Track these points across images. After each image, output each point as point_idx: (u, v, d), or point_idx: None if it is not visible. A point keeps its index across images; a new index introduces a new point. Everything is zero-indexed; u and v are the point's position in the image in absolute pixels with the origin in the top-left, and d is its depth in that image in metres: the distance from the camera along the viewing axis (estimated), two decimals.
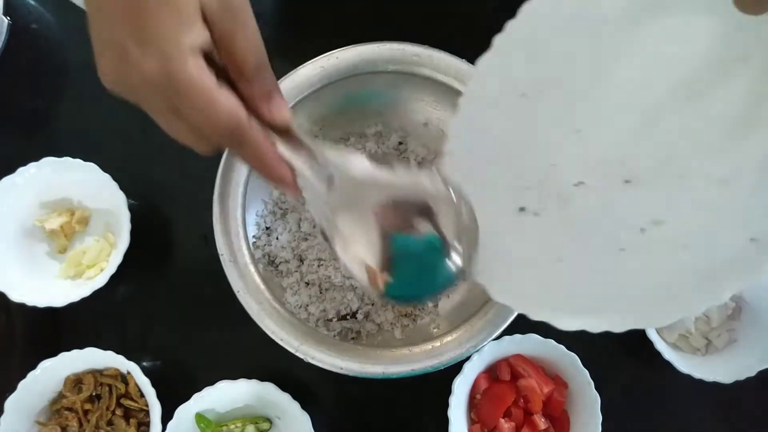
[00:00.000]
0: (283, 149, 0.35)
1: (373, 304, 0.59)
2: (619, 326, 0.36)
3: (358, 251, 0.36)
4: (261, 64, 0.33)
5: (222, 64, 0.33)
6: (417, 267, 0.37)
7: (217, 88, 0.31)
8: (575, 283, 0.40)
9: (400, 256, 0.36)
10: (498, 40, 0.41)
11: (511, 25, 0.41)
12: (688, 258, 0.37)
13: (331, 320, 0.59)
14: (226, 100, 0.31)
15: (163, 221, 0.68)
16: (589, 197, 0.42)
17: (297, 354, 0.51)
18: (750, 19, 0.33)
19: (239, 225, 0.54)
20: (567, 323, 0.37)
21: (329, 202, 0.36)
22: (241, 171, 0.55)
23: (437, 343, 0.51)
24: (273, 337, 0.51)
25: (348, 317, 0.59)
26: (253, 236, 0.60)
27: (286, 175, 0.35)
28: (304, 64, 0.56)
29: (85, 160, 0.64)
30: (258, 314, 0.51)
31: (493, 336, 0.51)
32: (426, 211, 0.36)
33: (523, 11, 0.40)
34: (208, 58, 0.32)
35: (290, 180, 0.35)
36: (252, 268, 0.53)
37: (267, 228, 0.61)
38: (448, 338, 0.51)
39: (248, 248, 0.54)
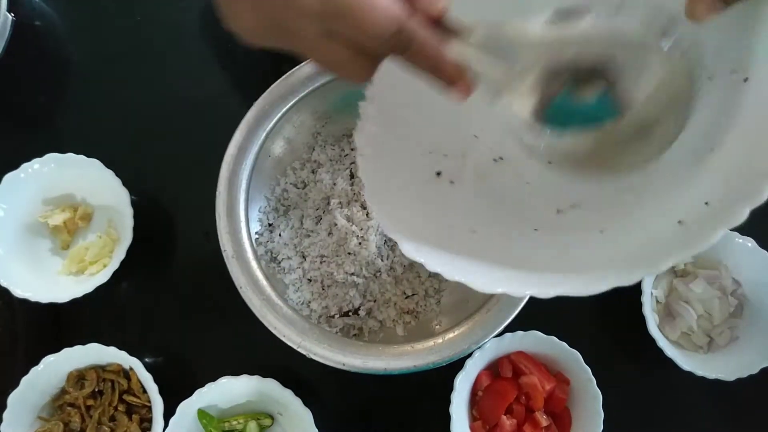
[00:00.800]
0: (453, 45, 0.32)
1: (375, 301, 0.60)
2: (542, 292, 0.34)
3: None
4: None
5: None
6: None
7: None
8: (487, 256, 0.38)
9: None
10: None
11: None
12: (604, 242, 0.36)
13: (333, 317, 0.59)
14: (385, 1, 0.30)
15: (166, 218, 0.68)
16: (506, 174, 0.41)
17: (299, 350, 0.51)
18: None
19: (242, 221, 0.54)
20: (485, 284, 0.35)
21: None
22: (245, 167, 0.55)
23: (439, 340, 0.51)
24: (275, 333, 0.51)
25: (350, 314, 0.59)
26: (256, 233, 0.60)
27: (460, 73, 0.33)
28: (305, 62, 0.56)
29: (88, 156, 0.64)
30: (260, 310, 0.52)
31: (495, 332, 0.51)
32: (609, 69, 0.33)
33: None
34: None
35: (465, 78, 0.33)
36: (254, 265, 0.53)
37: (269, 224, 0.61)
38: (450, 335, 0.51)
39: (251, 244, 0.54)
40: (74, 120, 0.70)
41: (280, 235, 0.61)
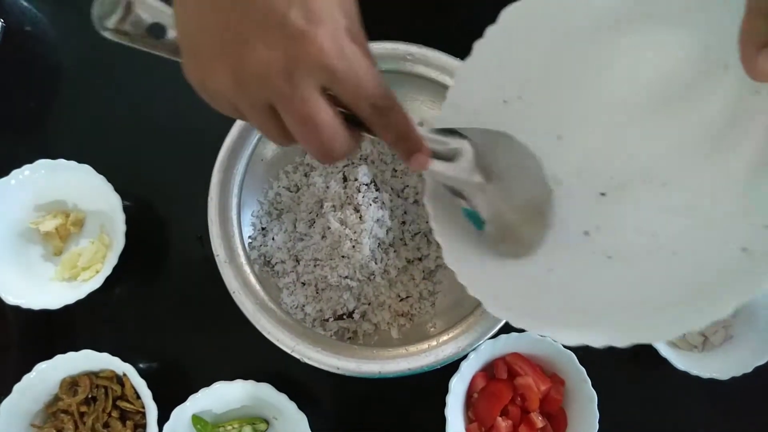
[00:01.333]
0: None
1: (369, 304, 0.59)
2: (619, 341, 0.36)
3: None
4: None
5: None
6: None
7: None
8: (567, 293, 0.40)
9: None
10: (478, 46, 0.41)
11: (490, 31, 0.40)
12: (679, 265, 0.37)
13: (327, 320, 0.59)
14: (376, 69, 0.33)
15: (159, 223, 0.68)
16: (568, 205, 0.42)
17: (293, 354, 0.51)
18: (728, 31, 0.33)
19: (234, 226, 0.54)
20: (566, 337, 0.37)
21: None
22: (237, 171, 0.55)
23: (433, 342, 0.51)
24: (269, 337, 0.51)
25: (344, 317, 0.59)
26: (249, 237, 0.60)
27: (423, 143, 0.36)
28: None
29: (79, 162, 0.64)
30: (254, 315, 0.51)
31: (489, 334, 0.51)
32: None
33: (502, 17, 0.40)
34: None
35: (427, 148, 0.37)
36: (248, 269, 0.53)
37: (263, 228, 0.61)
38: (444, 337, 0.51)
39: (243, 249, 0.54)
40: (65, 125, 0.70)
41: (273, 239, 0.60)
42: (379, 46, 0.56)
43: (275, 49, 0.30)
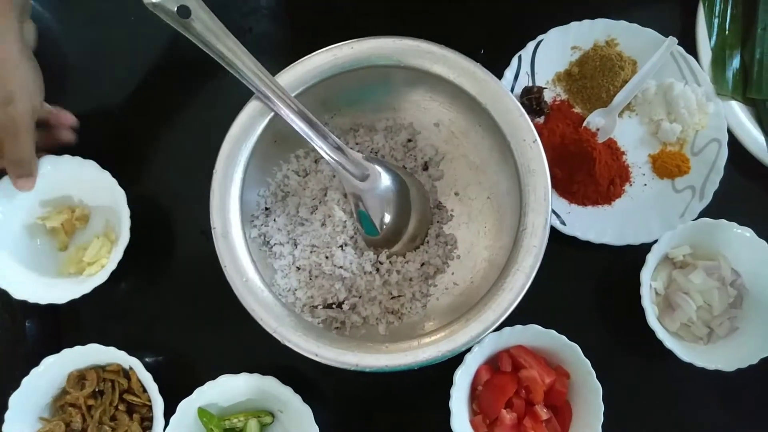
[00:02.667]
0: None
1: (360, 297, 0.59)
2: None
3: None
4: None
5: None
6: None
7: None
8: None
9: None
10: None
11: None
12: None
13: (316, 307, 0.59)
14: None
15: (164, 218, 0.68)
16: None
17: (274, 335, 0.50)
18: None
19: (234, 200, 0.53)
20: None
21: None
22: (246, 146, 0.54)
23: (414, 343, 0.50)
24: (253, 315, 0.51)
25: (334, 306, 0.59)
26: (252, 215, 0.60)
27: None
28: (317, 51, 0.56)
29: (84, 157, 0.64)
30: (241, 290, 0.51)
31: (472, 343, 0.50)
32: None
33: None
34: None
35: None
36: (242, 244, 0.53)
37: (266, 208, 0.61)
38: (426, 339, 0.50)
39: (241, 226, 0.53)
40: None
41: (275, 220, 0.60)
42: (400, 42, 0.55)
43: None
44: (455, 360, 0.55)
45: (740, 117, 0.67)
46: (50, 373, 0.59)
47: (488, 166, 0.60)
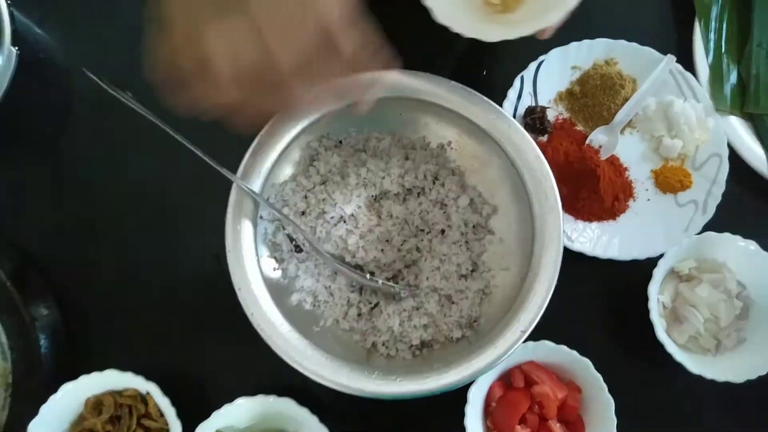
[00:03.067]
0: None
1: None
2: None
3: None
4: None
5: None
6: None
7: None
8: None
9: None
10: None
11: None
12: None
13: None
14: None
15: (176, 241, 0.68)
16: None
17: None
18: None
19: (251, 248, 0.56)
20: None
21: None
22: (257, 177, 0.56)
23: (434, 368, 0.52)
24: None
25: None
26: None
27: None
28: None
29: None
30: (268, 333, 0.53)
31: (487, 371, 0.52)
32: None
33: None
34: None
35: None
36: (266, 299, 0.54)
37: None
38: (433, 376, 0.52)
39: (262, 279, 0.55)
40: (80, 151, 0.71)
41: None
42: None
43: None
44: None
45: (739, 132, 0.68)
46: (68, 400, 0.60)
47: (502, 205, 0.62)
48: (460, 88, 0.57)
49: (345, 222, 0.60)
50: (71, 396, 0.60)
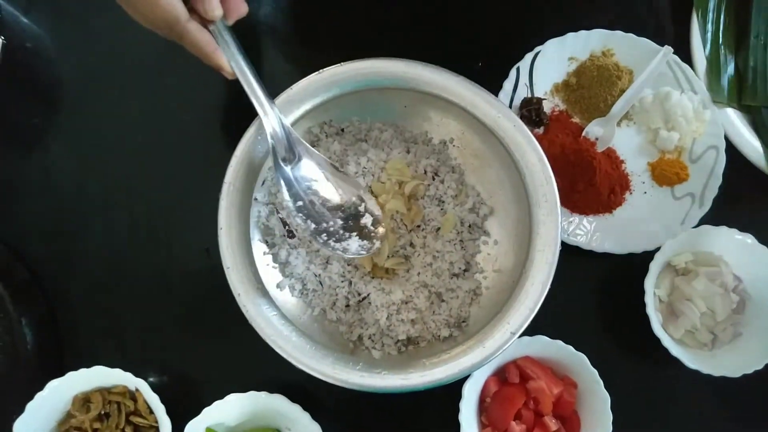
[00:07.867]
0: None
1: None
2: None
3: None
4: None
5: None
6: None
7: None
8: None
9: None
10: None
11: None
12: None
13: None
14: (165, 4, 0.42)
15: (165, 235, 0.67)
16: None
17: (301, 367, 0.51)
18: None
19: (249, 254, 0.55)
20: None
21: None
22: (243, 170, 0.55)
23: (425, 363, 0.52)
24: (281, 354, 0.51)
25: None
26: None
27: (222, 64, 0.47)
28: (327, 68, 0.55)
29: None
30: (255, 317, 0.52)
31: (479, 366, 0.51)
32: None
33: None
34: None
35: (227, 68, 0.48)
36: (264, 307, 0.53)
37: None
38: (435, 359, 0.52)
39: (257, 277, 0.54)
40: (68, 140, 0.70)
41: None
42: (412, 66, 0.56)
43: None
44: None
45: (737, 124, 0.68)
46: (55, 397, 0.59)
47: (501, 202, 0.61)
48: (468, 83, 0.55)
49: None
50: (58, 393, 0.59)
